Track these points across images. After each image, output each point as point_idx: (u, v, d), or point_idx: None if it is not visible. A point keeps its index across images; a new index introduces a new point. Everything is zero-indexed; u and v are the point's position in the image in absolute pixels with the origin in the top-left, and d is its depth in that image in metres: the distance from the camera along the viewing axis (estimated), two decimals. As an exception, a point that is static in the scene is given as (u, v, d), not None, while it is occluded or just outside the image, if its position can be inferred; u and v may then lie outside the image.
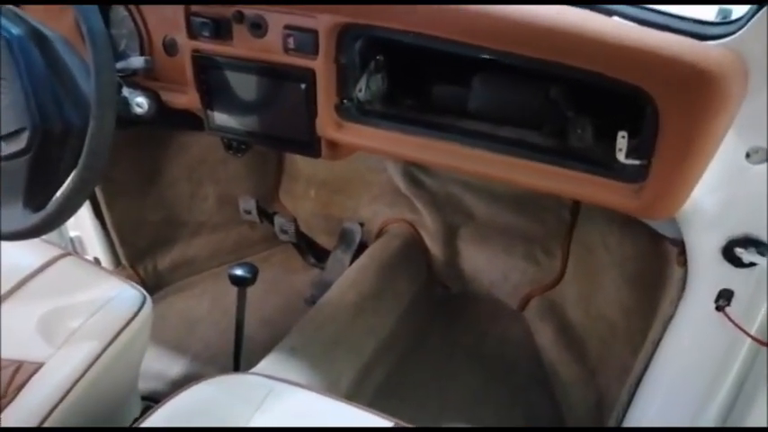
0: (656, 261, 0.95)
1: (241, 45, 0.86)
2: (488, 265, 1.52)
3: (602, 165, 0.72)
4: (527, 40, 0.66)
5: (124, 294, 0.95)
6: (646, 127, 0.66)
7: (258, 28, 0.83)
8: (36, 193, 0.83)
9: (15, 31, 0.80)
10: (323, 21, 0.78)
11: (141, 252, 1.54)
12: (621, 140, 0.70)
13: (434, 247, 1.55)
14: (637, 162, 0.69)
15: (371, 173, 1.58)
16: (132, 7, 0.94)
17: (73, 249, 1.50)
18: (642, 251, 1.05)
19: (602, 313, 1.21)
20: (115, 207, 1.45)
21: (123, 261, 1.51)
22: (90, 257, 1.49)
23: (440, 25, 0.70)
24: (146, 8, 0.94)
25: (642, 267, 1.05)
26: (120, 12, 0.97)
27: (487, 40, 0.69)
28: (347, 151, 0.91)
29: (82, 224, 1.47)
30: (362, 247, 1.57)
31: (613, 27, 0.63)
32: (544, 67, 0.67)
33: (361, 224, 1.61)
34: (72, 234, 1.50)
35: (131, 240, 1.51)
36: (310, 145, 0.89)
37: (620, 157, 0.70)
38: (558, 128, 0.80)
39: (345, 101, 0.84)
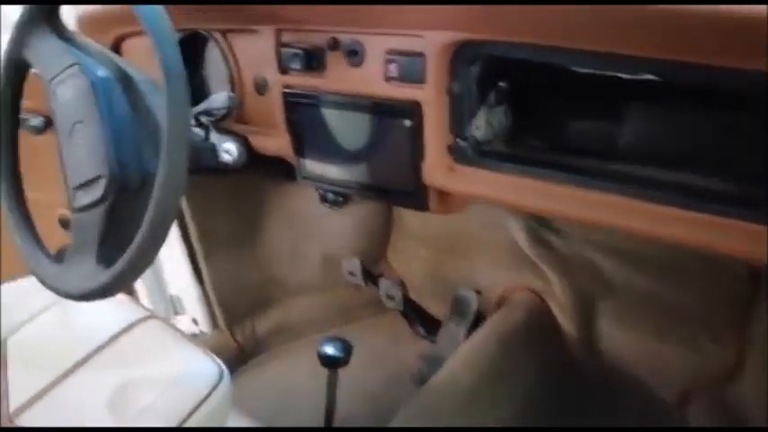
0: None
1: (335, 77, 0.73)
2: (634, 350, 1.24)
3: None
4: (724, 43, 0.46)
5: (201, 369, 0.84)
6: None
7: (355, 55, 0.70)
8: (110, 248, 0.74)
9: (102, 72, 0.74)
10: (432, 40, 0.63)
11: (239, 313, 1.45)
12: None
13: (566, 322, 1.30)
14: None
15: (490, 231, 1.39)
16: (224, 44, 0.85)
17: (173, 309, 1.45)
18: None
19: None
20: (214, 264, 1.38)
21: (221, 323, 1.42)
22: (188, 318, 1.42)
23: (590, 33, 0.52)
24: (237, 44, 0.85)
25: None
26: (212, 51, 0.89)
27: (658, 49, 0.50)
28: (460, 203, 0.74)
29: (181, 283, 1.41)
30: (479, 319, 1.36)
31: None
32: (737, 85, 0.47)
33: (478, 291, 1.41)
34: (172, 293, 1.44)
35: (229, 301, 1.42)
36: (416, 195, 0.73)
37: None
38: (752, 171, 0.57)
39: (459, 140, 0.68)
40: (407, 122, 0.68)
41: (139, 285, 1.38)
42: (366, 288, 1.55)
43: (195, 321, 1.42)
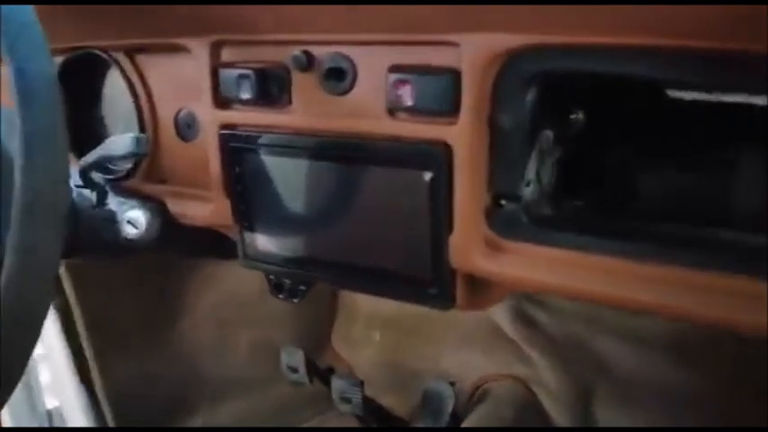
0: None
1: (306, 110, 0.48)
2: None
3: None
4: None
5: None
6: None
7: (340, 77, 0.46)
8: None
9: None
10: (473, 48, 0.40)
11: (142, 428, 1.12)
12: None
13: (561, 416, 1.08)
14: None
15: None
16: (130, 69, 0.58)
17: (49, 427, 1.09)
18: None
19: None
20: (108, 364, 1.06)
21: (117, 443, 1.09)
22: (71, 440, 1.08)
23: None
24: (150, 68, 0.59)
25: None
26: (116, 83, 0.62)
27: None
28: (500, 294, 0.50)
29: (62, 392, 1.07)
30: (455, 418, 1.11)
31: None
32: None
33: (451, 383, 1.17)
34: (50, 406, 1.09)
35: (129, 412, 1.10)
36: (437, 286, 0.48)
37: None
38: None
39: (504, 200, 0.45)
40: (427, 175, 0.44)
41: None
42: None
43: (81, 443, 1.07)
